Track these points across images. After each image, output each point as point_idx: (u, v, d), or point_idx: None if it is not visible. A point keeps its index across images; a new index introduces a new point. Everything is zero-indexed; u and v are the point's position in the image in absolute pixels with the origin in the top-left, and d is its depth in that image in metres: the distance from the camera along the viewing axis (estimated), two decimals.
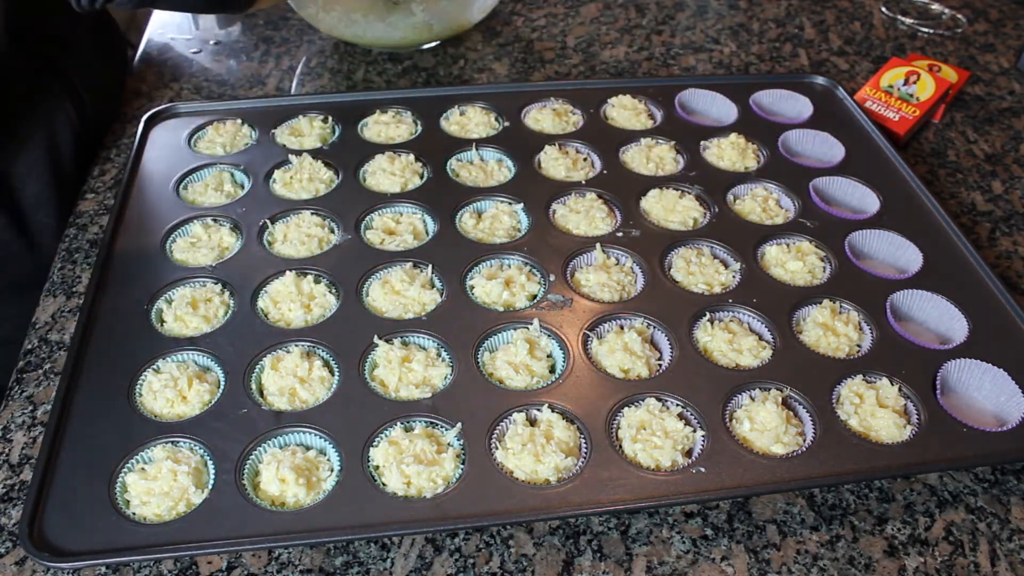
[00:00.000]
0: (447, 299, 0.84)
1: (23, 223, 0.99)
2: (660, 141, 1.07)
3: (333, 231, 0.93)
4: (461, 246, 0.90)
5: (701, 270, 0.87)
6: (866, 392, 0.75)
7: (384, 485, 0.68)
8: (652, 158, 1.04)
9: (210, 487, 0.67)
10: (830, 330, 0.81)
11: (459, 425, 0.71)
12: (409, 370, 0.76)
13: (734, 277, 0.88)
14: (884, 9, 1.49)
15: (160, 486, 0.67)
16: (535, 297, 0.85)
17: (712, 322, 0.82)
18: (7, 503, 0.70)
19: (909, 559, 0.68)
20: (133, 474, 0.68)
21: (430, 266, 0.87)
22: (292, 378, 0.75)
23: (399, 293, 0.84)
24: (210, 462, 0.69)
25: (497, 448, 0.70)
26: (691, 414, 0.74)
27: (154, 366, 0.76)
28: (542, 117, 1.10)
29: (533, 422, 0.73)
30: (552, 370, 0.79)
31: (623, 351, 0.78)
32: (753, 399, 0.75)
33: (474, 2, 1.25)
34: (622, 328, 0.81)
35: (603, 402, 0.74)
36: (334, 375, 0.77)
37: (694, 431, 0.72)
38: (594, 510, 0.66)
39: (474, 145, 1.05)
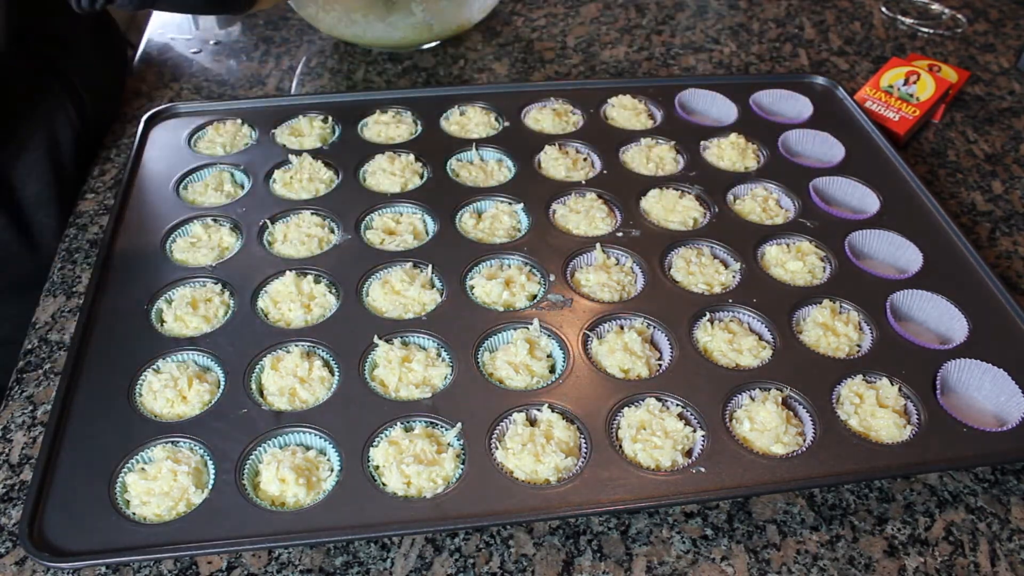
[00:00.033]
0: (447, 299, 0.84)
1: (23, 223, 0.99)
2: (660, 141, 1.07)
3: (333, 231, 0.93)
4: (461, 246, 0.90)
5: (701, 270, 0.87)
6: (866, 392, 0.75)
7: (384, 485, 0.68)
8: (652, 158, 1.04)
9: (210, 487, 0.67)
10: (830, 330, 0.81)
11: (459, 425, 0.71)
12: (409, 370, 0.76)
13: (734, 277, 0.88)
14: (884, 9, 1.49)
15: (160, 486, 0.67)
16: (535, 297, 0.85)
17: (712, 322, 0.82)
18: (7, 503, 0.70)
19: (909, 559, 0.68)
20: (133, 474, 0.68)
21: (430, 266, 0.87)
22: (292, 378, 0.75)
23: (399, 293, 0.84)
24: (210, 462, 0.69)
25: (497, 448, 0.70)
26: (691, 414, 0.74)
27: (154, 366, 0.76)
28: (542, 117, 1.10)
29: (533, 422, 0.73)
30: (552, 370, 0.79)
31: (623, 351, 0.78)
32: (753, 399, 0.75)
33: (474, 2, 1.25)
34: (622, 328, 0.81)
35: (603, 402, 0.74)
36: (334, 375, 0.77)
37: (694, 431, 0.72)
38: (594, 510, 0.66)
39: (474, 145, 1.05)
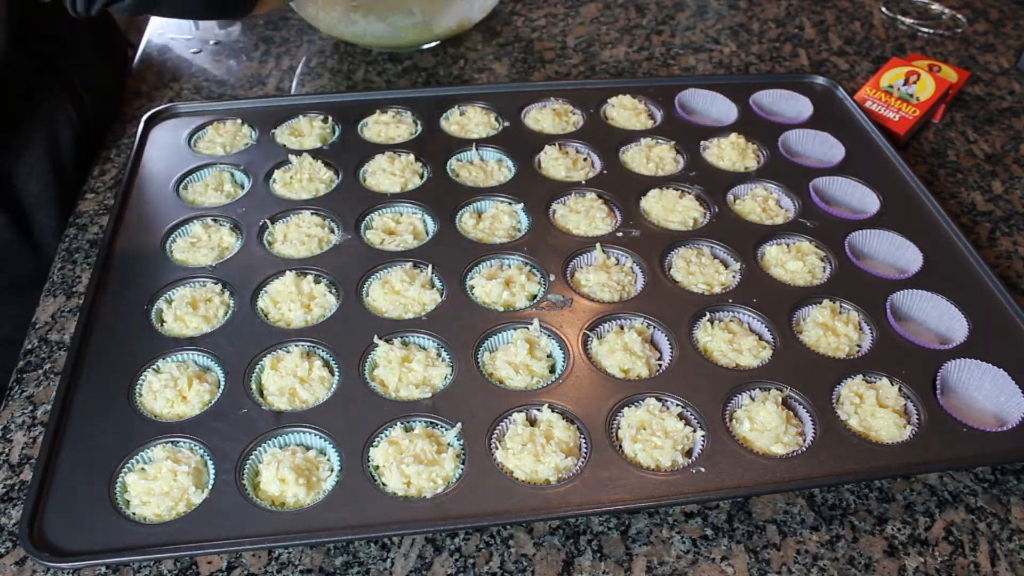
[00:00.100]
0: (447, 299, 0.84)
1: (24, 223, 0.99)
2: (660, 141, 1.07)
3: (333, 231, 0.93)
4: (461, 246, 0.90)
5: (701, 270, 0.87)
6: (866, 392, 0.75)
7: (384, 485, 0.68)
8: (652, 158, 1.04)
9: (210, 487, 0.67)
10: (830, 330, 0.81)
11: (459, 425, 0.71)
12: (409, 370, 0.76)
13: (734, 277, 0.88)
14: (884, 9, 1.49)
15: (160, 486, 0.67)
16: (535, 297, 0.85)
17: (712, 322, 0.82)
18: (7, 503, 0.70)
19: (909, 559, 0.68)
20: (133, 474, 0.68)
21: (430, 266, 0.87)
22: (292, 378, 0.75)
23: (399, 293, 0.84)
24: (210, 462, 0.69)
25: (497, 448, 0.70)
26: (691, 414, 0.74)
27: (154, 366, 0.76)
28: (542, 117, 1.10)
29: (533, 422, 0.73)
30: (552, 370, 0.79)
31: (623, 351, 0.78)
32: (753, 399, 0.75)
33: (474, 2, 1.25)
34: (622, 328, 0.81)
35: (603, 402, 0.74)
36: (334, 375, 0.77)
37: (694, 431, 0.72)
38: (594, 510, 0.66)
39: (474, 145, 1.05)
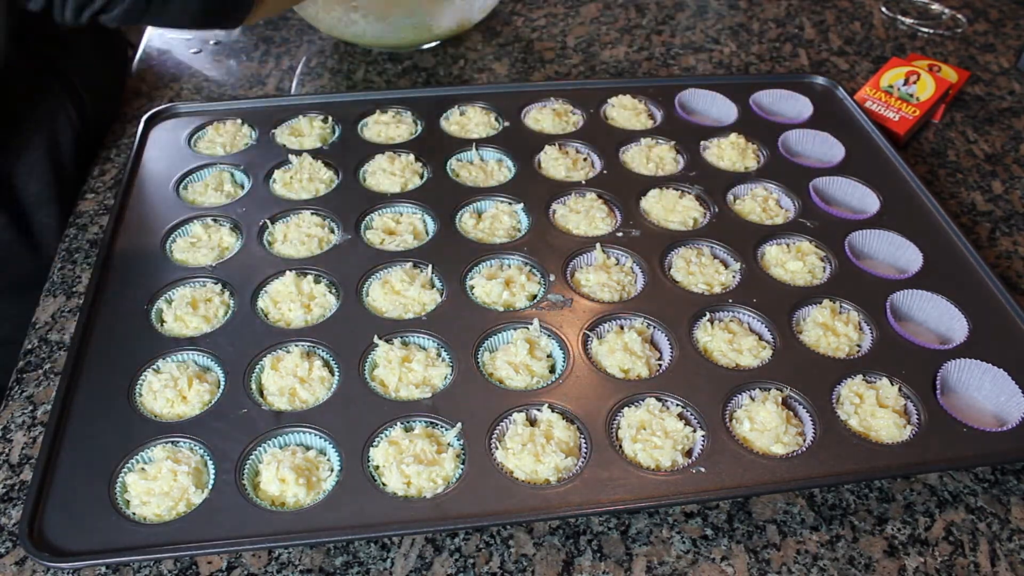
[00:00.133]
0: (447, 299, 0.84)
1: (24, 223, 0.99)
2: (660, 141, 1.07)
3: (333, 231, 0.93)
4: (461, 246, 0.90)
5: (701, 270, 0.87)
6: (866, 392, 0.75)
7: (384, 485, 0.68)
8: (652, 158, 1.04)
9: (210, 487, 0.67)
10: (830, 330, 0.81)
11: (459, 425, 0.71)
12: (409, 370, 0.76)
13: (734, 277, 0.88)
14: (884, 9, 1.49)
15: (160, 486, 0.67)
16: (535, 297, 0.85)
17: (712, 322, 0.82)
18: (7, 503, 0.70)
19: (909, 559, 0.68)
20: (133, 474, 0.68)
21: (430, 266, 0.87)
22: (292, 378, 0.75)
23: (399, 293, 0.84)
24: (210, 462, 0.69)
25: (497, 448, 0.70)
26: (691, 414, 0.74)
27: (154, 366, 0.76)
28: (542, 117, 1.10)
29: (533, 422, 0.73)
30: (552, 370, 0.79)
31: (623, 351, 0.78)
32: (753, 399, 0.75)
33: (474, 2, 1.25)
34: (622, 328, 0.81)
35: (603, 402, 0.74)
36: (334, 375, 0.77)
37: (694, 431, 0.72)
38: (594, 510, 0.66)
39: (474, 145, 1.05)
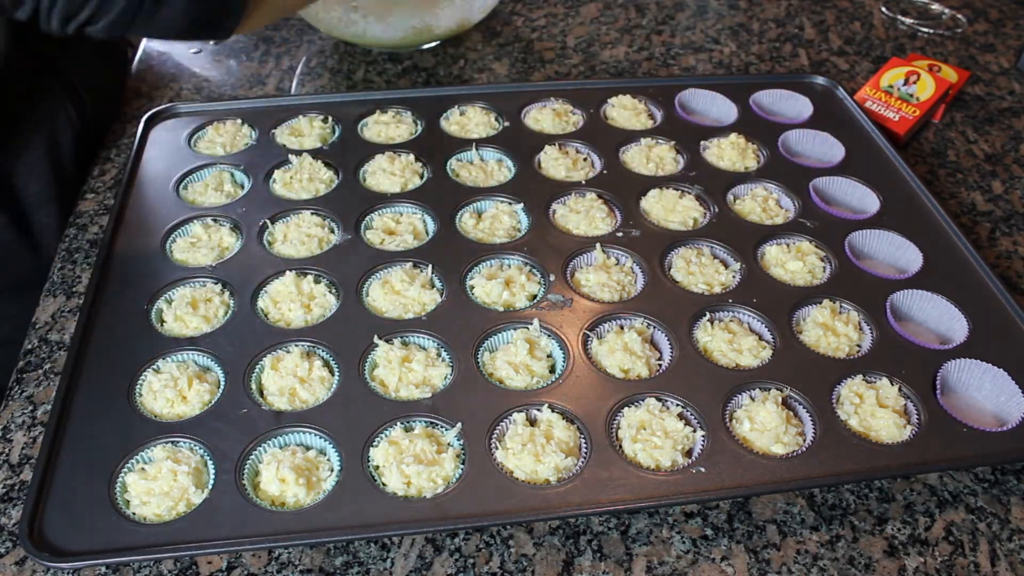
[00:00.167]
0: (447, 299, 0.84)
1: (24, 223, 0.99)
2: (660, 141, 1.07)
3: (333, 231, 0.93)
4: (461, 246, 0.90)
5: (701, 270, 0.87)
6: (866, 392, 0.75)
7: (384, 485, 0.68)
8: (652, 158, 1.04)
9: (210, 487, 0.67)
10: (830, 330, 0.81)
11: (459, 425, 0.71)
12: (409, 370, 0.76)
13: (734, 277, 0.88)
14: (884, 9, 1.49)
15: (160, 486, 0.67)
16: (535, 297, 0.85)
17: (712, 322, 0.82)
18: (7, 503, 0.70)
19: (909, 559, 0.68)
20: (133, 474, 0.68)
21: (430, 266, 0.87)
22: (292, 378, 0.75)
23: (399, 293, 0.84)
24: (210, 462, 0.69)
25: (497, 448, 0.70)
26: (691, 414, 0.74)
27: (154, 366, 0.76)
28: (542, 117, 1.10)
29: (533, 422, 0.73)
30: (552, 370, 0.79)
31: (623, 351, 0.78)
32: (753, 399, 0.75)
33: (474, 2, 1.25)
34: (622, 328, 0.81)
35: (603, 402, 0.74)
36: (334, 375, 0.77)
37: (694, 431, 0.72)
38: (594, 510, 0.66)
39: (474, 145, 1.05)
